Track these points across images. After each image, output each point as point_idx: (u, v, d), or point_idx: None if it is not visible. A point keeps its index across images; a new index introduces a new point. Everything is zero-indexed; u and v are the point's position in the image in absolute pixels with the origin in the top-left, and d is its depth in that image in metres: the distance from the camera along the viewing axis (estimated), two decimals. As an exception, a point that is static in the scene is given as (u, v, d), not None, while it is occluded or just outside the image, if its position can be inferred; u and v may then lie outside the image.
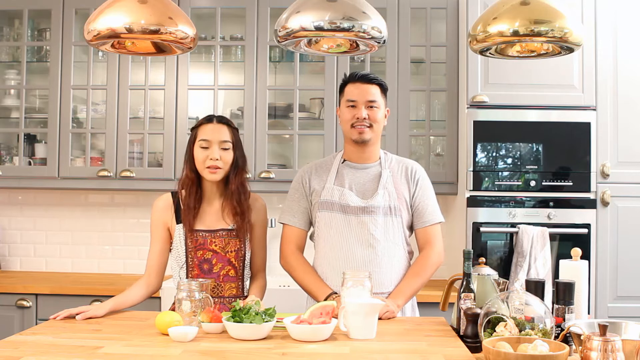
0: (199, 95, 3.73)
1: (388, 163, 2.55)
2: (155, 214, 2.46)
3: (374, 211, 2.44)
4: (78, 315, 2.16)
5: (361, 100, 2.46)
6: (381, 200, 2.45)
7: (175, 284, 2.45)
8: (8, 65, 3.82)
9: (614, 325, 1.83)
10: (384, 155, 2.57)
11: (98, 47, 2.21)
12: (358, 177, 2.51)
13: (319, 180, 2.52)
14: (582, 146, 3.29)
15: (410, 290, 2.42)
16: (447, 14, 3.60)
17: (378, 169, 2.52)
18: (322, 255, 2.50)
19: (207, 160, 2.38)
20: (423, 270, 2.46)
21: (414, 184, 2.52)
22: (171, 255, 2.48)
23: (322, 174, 2.54)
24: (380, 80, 2.52)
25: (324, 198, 2.48)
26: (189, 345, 1.89)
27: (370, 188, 2.48)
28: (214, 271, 2.43)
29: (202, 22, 3.68)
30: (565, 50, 2.15)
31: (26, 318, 3.32)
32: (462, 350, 1.86)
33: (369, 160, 2.53)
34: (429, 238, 2.51)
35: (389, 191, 2.47)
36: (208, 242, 2.42)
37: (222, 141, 2.40)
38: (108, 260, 3.91)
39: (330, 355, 1.80)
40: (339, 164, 2.55)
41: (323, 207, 2.48)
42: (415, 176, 2.53)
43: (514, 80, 3.32)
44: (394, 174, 2.52)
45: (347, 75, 2.56)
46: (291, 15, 2.00)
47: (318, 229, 2.51)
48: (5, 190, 3.92)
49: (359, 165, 2.53)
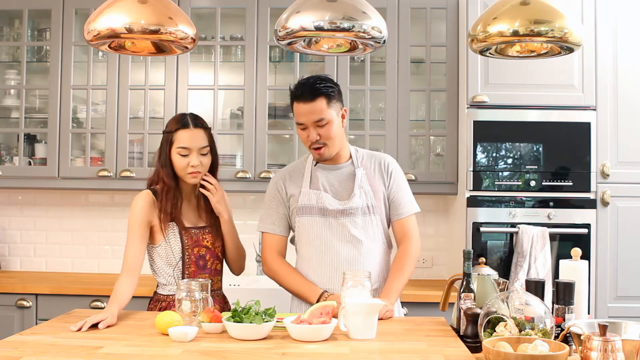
0: (199, 95, 3.73)
1: (360, 160, 2.52)
2: (138, 212, 2.39)
3: (353, 212, 2.43)
4: (100, 324, 2.08)
5: (309, 122, 2.37)
6: (358, 200, 2.44)
7: (165, 283, 2.45)
8: (8, 65, 3.82)
9: (614, 325, 1.83)
10: (355, 152, 2.54)
11: (98, 47, 2.21)
12: (332, 178, 2.48)
13: (295, 185, 2.50)
14: (582, 146, 3.29)
15: (399, 288, 2.42)
16: (447, 14, 3.60)
17: (351, 168, 2.50)
18: (306, 258, 2.49)
19: (187, 167, 2.40)
20: (406, 266, 2.45)
21: (388, 177, 2.50)
22: (158, 255, 2.44)
23: (296, 178, 2.51)
24: (324, 90, 2.37)
25: (302, 203, 2.46)
26: (189, 345, 1.89)
27: (346, 188, 2.47)
28: (208, 267, 2.46)
29: (202, 22, 3.68)
30: (565, 50, 2.15)
31: (26, 318, 3.32)
32: (462, 350, 1.86)
33: (340, 160, 2.50)
34: (406, 230, 2.49)
35: (365, 190, 2.46)
36: (201, 239, 2.45)
37: (200, 147, 2.42)
38: (108, 260, 3.91)
39: (330, 355, 1.80)
40: (312, 166, 2.51)
41: (302, 212, 2.46)
42: (389, 169, 2.51)
43: (514, 80, 3.32)
44: (367, 170, 2.50)
45: (292, 90, 2.43)
46: (291, 15, 2.00)
47: (299, 233, 2.49)
48: (5, 190, 3.92)
49: (331, 167, 2.50)
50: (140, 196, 2.43)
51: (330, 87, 2.39)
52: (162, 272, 2.46)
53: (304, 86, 2.39)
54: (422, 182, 3.55)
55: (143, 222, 2.39)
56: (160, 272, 2.46)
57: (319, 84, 2.38)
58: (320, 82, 2.39)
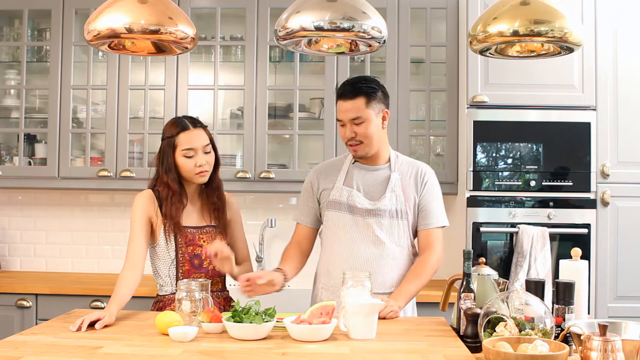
0: (199, 95, 3.73)
1: (398, 165, 2.54)
2: (139, 208, 2.43)
3: (380, 214, 2.45)
4: (97, 325, 2.09)
5: (346, 119, 2.43)
6: (388, 203, 2.46)
7: (162, 283, 2.48)
8: (8, 65, 3.82)
9: (614, 325, 1.83)
10: (395, 157, 2.56)
11: (98, 47, 2.21)
12: (367, 179, 2.51)
13: (329, 179, 2.55)
14: (582, 146, 3.29)
15: (411, 292, 2.42)
16: (447, 14, 3.60)
17: (387, 172, 2.52)
18: (328, 252, 2.54)
19: (195, 168, 2.42)
20: (424, 272, 2.45)
21: (422, 186, 2.52)
22: (155, 254, 2.47)
23: (332, 173, 2.56)
24: (365, 89, 2.42)
25: (333, 197, 2.51)
26: (189, 345, 1.89)
27: (378, 190, 2.49)
28: (204, 266, 2.46)
29: (202, 22, 3.68)
30: (565, 50, 2.15)
31: (26, 318, 3.31)
32: (462, 350, 1.87)
33: (378, 162, 2.53)
34: (430, 241, 2.49)
35: (396, 194, 2.47)
36: (197, 239, 2.46)
37: (204, 146, 2.44)
38: (108, 260, 3.91)
39: (330, 355, 1.80)
40: (350, 164, 2.56)
41: (331, 206, 2.51)
42: (424, 179, 2.53)
43: (514, 80, 3.32)
44: (403, 176, 2.52)
45: (337, 89, 2.50)
46: (291, 15, 2.00)
47: (326, 227, 2.55)
48: (5, 190, 3.92)
49: (369, 167, 2.53)
50: (141, 194, 2.47)
51: (372, 88, 2.44)
52: (160, 272, 2.48)
53: (346, 85, 2.46)
54: (422, 182, 3.55)
55: (144, 218, 2.42)
56: (159, 272, 2.49)
57: (361, 84, 2.44)
58: (363, 81, 2.45)
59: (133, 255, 2.38)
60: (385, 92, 2.50)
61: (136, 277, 2.35)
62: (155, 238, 2.46)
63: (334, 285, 2.44)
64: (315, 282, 2.61)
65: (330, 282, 2.49)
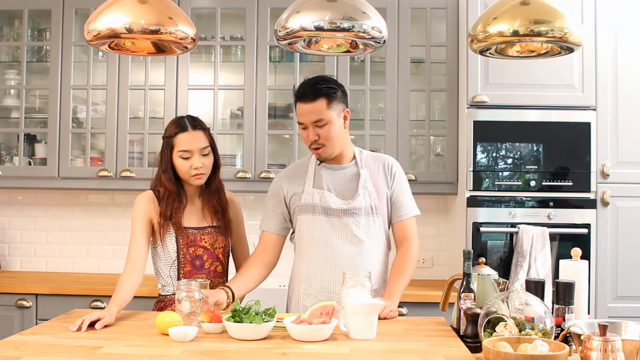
0: (199, 95, 3.73)
1: (364, 161, 2.53)
2: (140, 209, 2.44)
3: (356, 212, 2.44)
4: (97, 325, 2.09)
5: (308, 122, 2.39)
6: (362, 201, 2.45)
7: (164, 283, 2.48)
8: (8, 65, 3.82)
9: (614, 325, 1.83)
10: (359, 153, 2.55)
11: (98, 47, 2.21)
12: (336, 178, 2.49)
13: (297, 184, 2.50)
14: (582, 146, 3.29)
15: (401, 289, 2.43)
16: (447, 14, 3.60)
17: (355, 169, 2.51)
18: (306, 256, 2.49)
19: (191, 170, 2.41)
20: (407, 266, 2.47)
21: (391, 179, 2.52)
22: (157, 254, 2.48)
23: (299, 177, 2.52)
24: (325, 90, 2.38)
25: (305, 201, 2.46)
26: (189, 345, 1.89)
27: (350, 188, 2.47)
28: (205, 267, 2.47)
29: (202, 22, 3.68)
30: (565, 50, 2.15)
31: (26, 318, 3.31)
32: (462, 350, 1.86)
33: (343, 161, 2.51)
34: (406, 232, 2.51)
35: (369, 191, 2.46)
36: (198, 239, 2.46)
37: (202, 148, 2.43)
38: (108, 260, 3.91)
39: (330, 355, 1.80)
40: (316, 165, 2.52)
41: (304, 210, 2.46)
42: (392, 170, 2.53)
43: (514, 80, 3.32)
44: (371, 171, 2.51)
45: (295, 90, 2.44)
46: (291, 15, 2.00)
47: (300, 231, 2.49)
48: (5, 190, 3.92)
49: (335, 166, 2.51)
50: (142, 195, 2.48)
51: (332, 88, 2.40)
52: (162, 272, 2.48)
53: (306, 86, 2.41)
54: (422, 182, 3.55)
55: (144, 219, 2.43)
56: (160, 273, 2.49)
57: (320, 85, 2.39)
58: (322, 82, 2.41)
59: (134, 256, 2.39)
60: (344, 91, 2.46)
61: (137, 278, 2.36)
62: (156, 239, 2.46)
63: (317, 289, 2.43)
64: (293, 289, 2.55)
65: (312, 287, 2.45)
